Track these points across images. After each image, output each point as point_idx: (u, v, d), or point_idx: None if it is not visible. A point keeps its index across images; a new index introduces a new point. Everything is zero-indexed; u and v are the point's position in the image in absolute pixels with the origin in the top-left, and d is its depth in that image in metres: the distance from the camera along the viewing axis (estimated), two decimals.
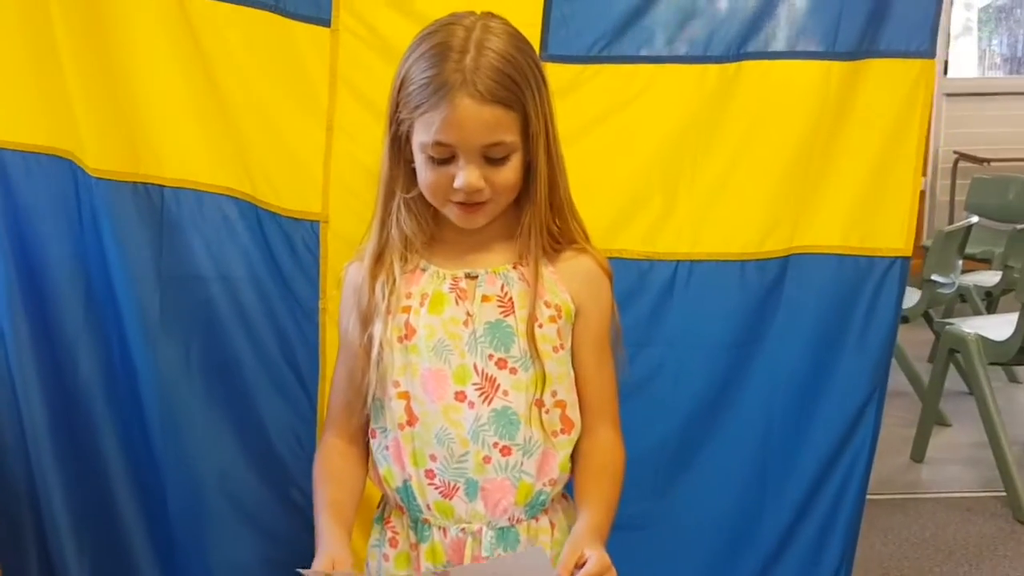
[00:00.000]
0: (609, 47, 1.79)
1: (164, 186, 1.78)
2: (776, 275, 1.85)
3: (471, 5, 1.67)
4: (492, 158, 1.27)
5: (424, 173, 1.30)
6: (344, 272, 1.43)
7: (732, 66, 1.80)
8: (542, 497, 1.35)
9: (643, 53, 1.81)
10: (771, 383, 1.88)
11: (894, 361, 2.04)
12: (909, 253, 1.83)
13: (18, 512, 1.84)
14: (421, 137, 1.28)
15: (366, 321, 1.36)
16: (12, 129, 1.73)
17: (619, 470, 1.38)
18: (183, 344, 1.82)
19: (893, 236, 1.82)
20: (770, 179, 1.83)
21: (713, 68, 1.80)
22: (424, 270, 1.36)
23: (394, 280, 1.35)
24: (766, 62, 1.80)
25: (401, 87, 1.30)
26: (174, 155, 1.78)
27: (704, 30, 1.80)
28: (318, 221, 1.83)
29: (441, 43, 1.27)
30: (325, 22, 1.78)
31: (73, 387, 1.81)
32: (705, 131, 1.82)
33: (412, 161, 1.32)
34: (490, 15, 1.31)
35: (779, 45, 1.80)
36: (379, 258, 1.37)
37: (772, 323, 1.86)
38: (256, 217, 1.82)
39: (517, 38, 1.30)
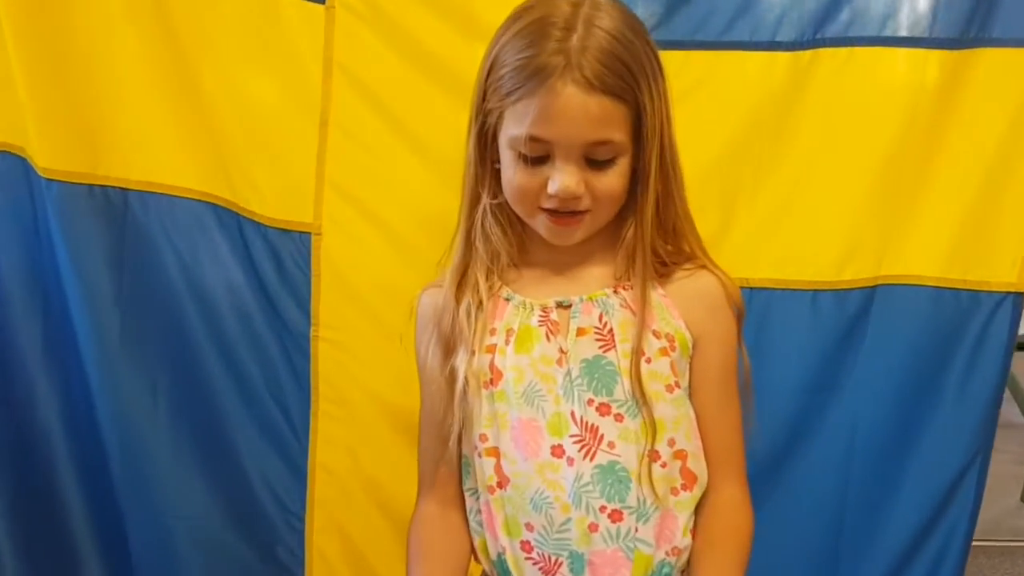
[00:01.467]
0: (655, 30, 1.53)
1: (128, 189, 1.58)
2: (858, 309, 1.58)
3: None
4: (595, 160, 1.11)
5: (512, 174, 1.13)
6: (417, 301, 1.25)
7: (806, 54, 1.53)
8: (665, 570, 1.16)
9: (698, 38, 1.55)
10: (848, 440, 1.61)
11: (1006, 390, 1.79)
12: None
13: None
14: (512, 130, 1.11)
15: (448, 349, 1.19)
16: None
17: (747, 537, 1.21)
18: (148, 375, 1.61)
19: (1004, 267, 1.53)
20: (852, 193, 1.56)
21: (783, 56, 1.54)
22: (508, 300, 1.19)
23: (480, 301, 1.19)
24: (847, 49, 1.53)
25: (491, 71, 1.13)
26: (141, 153, 1.58)
27: (773, 10, 1.54)
28: (309, 233, 1.62)
29: (541, 19, 1.10)
30: None
31: (29, 426, 1.61)
32: (771, 132, 1.57)
33: (499, 162, 1.16)
34: None
35: (864, 29, 1.52)
36: (464, 276, 1.20)
37: (852, 367, 1.60)
38: (238, 227, 1.62)
39: (631, 17, 1.13)
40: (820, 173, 1.56)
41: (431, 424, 1.22)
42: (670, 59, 1.44)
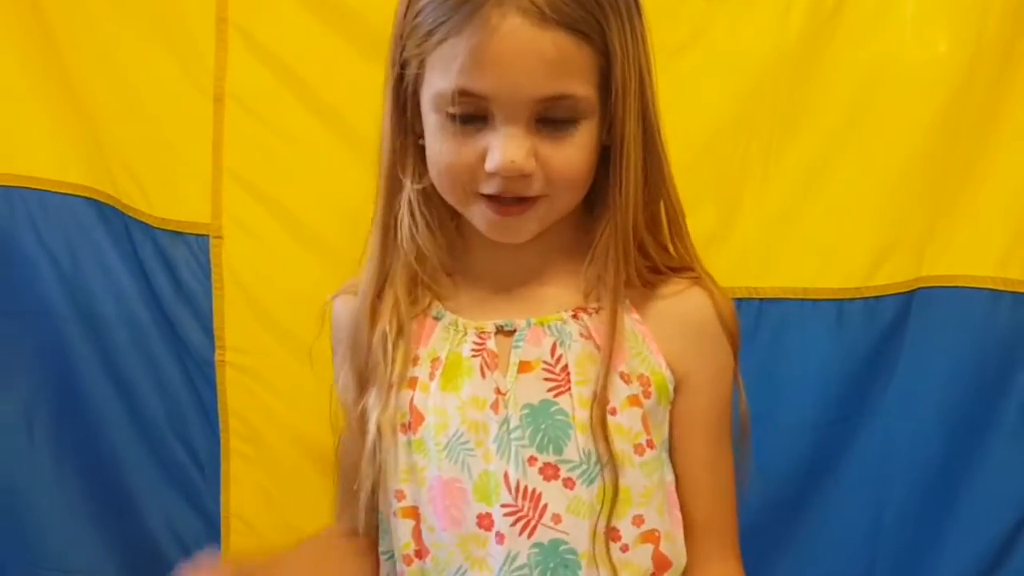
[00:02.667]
0: None
1: None
2: (893, 319, 1.35)
3: None
4: (550, 121, 0.87)
5: (437, 147, 0.90)
6: (327, 306, 1.06)
7: None
8: None
9: None
10: (880, 478, 1.39)
11: None
12: None
13: None
14: (436, 84, 0.88)
15: (363, 382, 1.00)
16: None
17: None
18: (21, 406, 1.45)
19: None
20: (886, 177, 1.33)
21: (801, 1, 1.31)
22: (437, 319, 0.99)
23: (400, 324, 0.97)
24: None
25: (408, 10, 0.91)
26: (2, 141, 1.42)
27: None
28: (207, 235, 1.42)
29: None
30: None
31: None
32: (785, 99, 1.33)
33: (423, 135, 0.94)
34: None
35: None
36: (382, 288, 0.99)
37: (885, 390, 1.37)
38: (125, 228, 1.42)
39: None
40: (846, 152, 1.34)
41: (346, 463, 1.04)
42: (657, 6, 1.22)
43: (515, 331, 0.96)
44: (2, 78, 1.39)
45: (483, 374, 0.95)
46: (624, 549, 0.94)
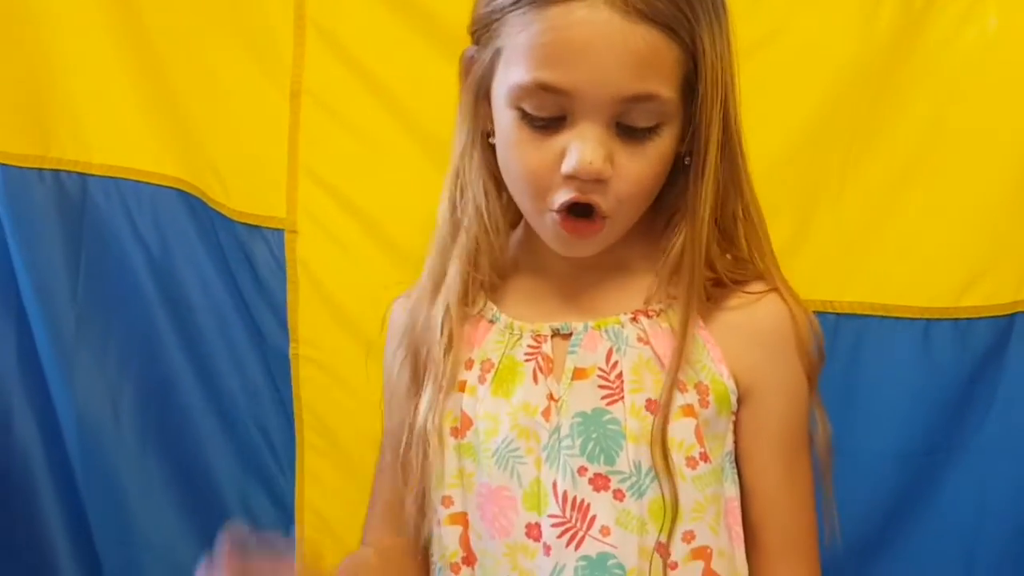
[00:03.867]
0: None
1: (87, 174, 1.44)
2: (989, 345, 1.27)
3: None
4: (630, 127, 0.84)
5: (511, 150, 0.87)
6: (389, 312, 1.05)
7: None
8: None
9: None
10: (975, 517, 1.30)
11: None
12: None
13: None
14: (513, 76, 0.84)
15: (416, 384, 0.98)
16: None
17: None
18: (108, 387, 1.47)
19: None
20: (983, 188, 1.24)
21: (889, 1, 1.23)
22: (493, 322, 0.96)
23: (451, 325, 0.95)
24: None
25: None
26: (101, 134, 1.44)
27: None
28: (283, 230, 1.42)
29: None
30: None
31: (5, 442, 1.51)
32: (869, 104, 1.25)
33: (492, 134, 0.91)
34: None
35: None
36: (439, 287, 0.97)
37: (981, 421, 1.28)
38: (211, 221, 1.44)
39: None
40: (936, 161, 1.25)
41: (386, 466, 1.02)
42: (735, 4, 1.16)
43: (571, 335, 0.93)
44: (104, 75, 1.41)
45: (536, 379, 0.93)
46: (672, 567, 0.91)
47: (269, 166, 1.42)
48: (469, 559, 0.95)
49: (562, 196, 0.85)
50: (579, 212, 0.85)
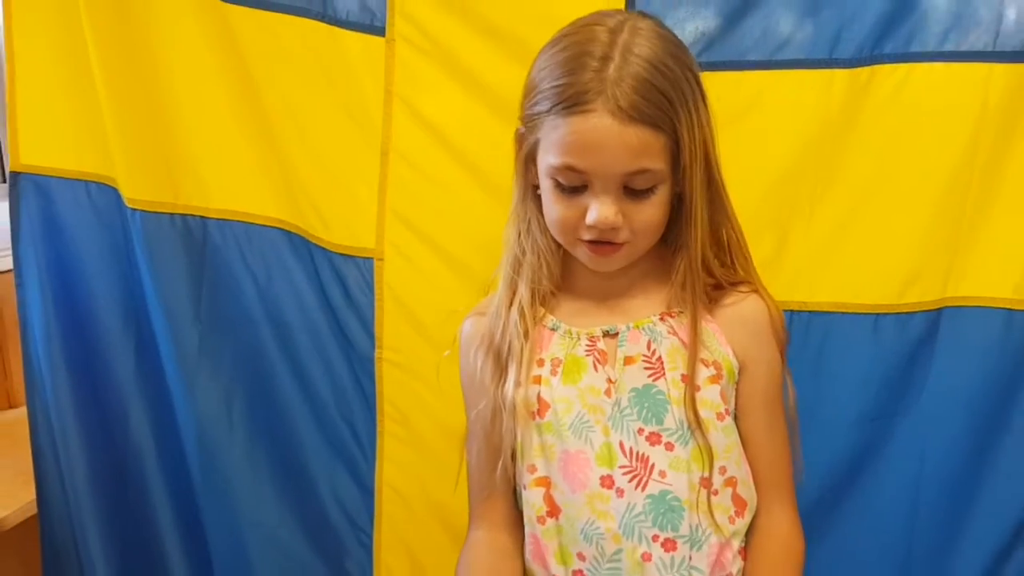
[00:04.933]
0: (708, 50, 1.50)
1: (207, 217, 1.65)
2: (923, 333, 1.52)
3: (543, 4, 1.48)
4: (633, 189, 1.06)
5: (550, 205, 1.10)
6: (460, 329, 1.22)
7: (864, 71, 1.47)
8: None
9: (751, 57, 1.50)
10: (916, 471, 1.55)
11: None
12: None
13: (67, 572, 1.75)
14: (549, 159, 1.07)
15: (500, 371, 1.16)
16: (56, 155, 1.63)
17: (800, 558, 1.17)
18: (224, 391, 1.68)
19: None
20: (914, 213, 1.50)
21: (841, 74, 1.48)
22: (554, 330, 1.16)
23: (527, 328, 1.15)
24: (907, 65, 1.46)
25: (526, 98, 1.11)
26: (218, 184, 1.64)
27: (830, 25, 1.49)
28: (372, 258, 1.65)
29: (579, 46, 1.06)
30: (379, 31, 1.59)
31: (123, 442, 1.71)
32: (829, 152, 1.51)
33: (539, 186, 1.13)
34: (641, 15, 1.11)
35: (925, 44, 1.46)
36: (512, 298, 1.17)
37: (918, 393, 1.54)
38: (308, 252, 1.66)
39: (672, 43, 1.08)
40: (880, 193, 1.50)
41: (478, 449, 1.20)
42: (721, 80, 1.44)
43: (618, 333, 1.14)
44: (224, 137, 1.60)
45: (596, 368, 1.13)
46: (714, 494, 1.11)
47: (362, 208, 1.63)
48: (553, 512, 1.13)
49: (587, 236, 1.08)
50: (601, 244, 1.08)
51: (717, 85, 1.14)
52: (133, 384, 1.68)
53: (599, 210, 1.05)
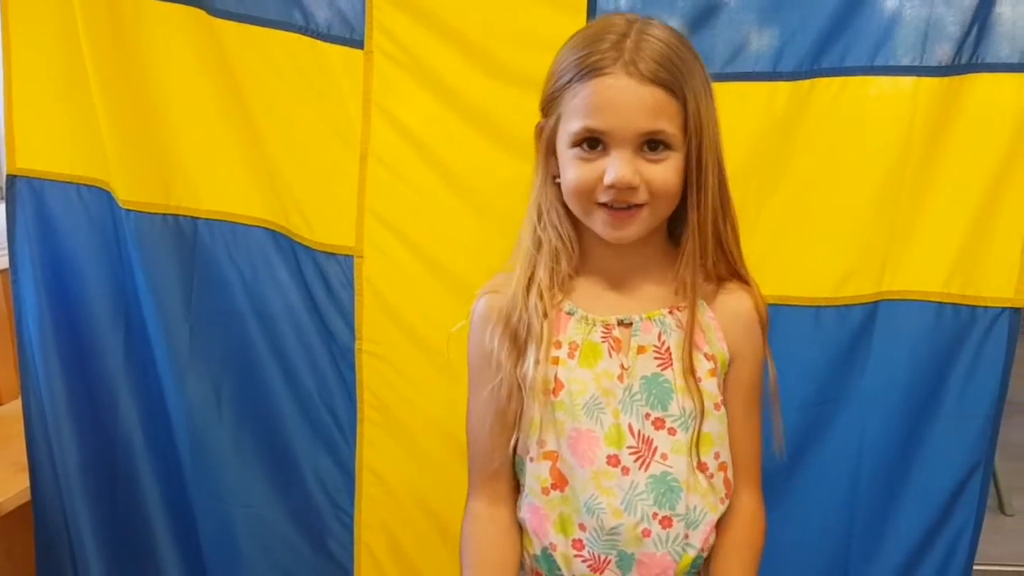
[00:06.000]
0: None
1: (197, 218, 1.73)
2: (861, 324, 1.63)
3: (508, 13, 1.60)
4: (650, 151, 1.10)
5: (570, 172, 1.13)
6: (473, 307, 1.25)
7: (805, 83, 1.57)
8: (696, 564, 1.22)
9: None
10: (856, 450, 1.66)
11: None
12: (1021, 303, 1.57)
13: (59, 557, 1.84)
14: (570, 126, 1.12)
15: (518, 349, 1.19)
16: (50, 159, 1.71)
17: (761, 545, 1.25)
18: (212, 382, 1.76)
19: (1001, 284, 1.57)
20: (851, 213, 1.60)
21: (784, 86, 1.58)
22: (571, 314, 1.20)
23: (544, 310, 1.19)
24: (842, 78, 1.57)
25: (547, 83, 1.16)
26: (208, 186, 1.72)
27: (774, 42, 1.59)
28: (352, 256, 1.73)
29: (597, 29, 1.13)
30: (358, 44, 1.67)
31: (112, 429, 1.79)
32: (773, 158, 1.60)
33: (558, 176, 1.17)
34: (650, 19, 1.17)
35: (858, 59, 1.56)
36: (531, 279, 1.20)
37: (858, 380, 1.64)
38: (292, 251, 1.75)
39: (683, 37, 1.15)
40: (820, 195, 1.59)
41: (491, 425, 1.21)
42: None
43: (631, 324, 1.19)
44: (212, 142, 1.68)
45: (610, 355, 1.18)
46: (710, 477, 1.18)
47: (342, 209, 1.70)
48: (558, 484, 1.18)
49: (604, 197, 1.11)
50: (618, 207, 1.11)
51: None
52: (123, 375, 1.76)
53: (618, 168, 1.09)
